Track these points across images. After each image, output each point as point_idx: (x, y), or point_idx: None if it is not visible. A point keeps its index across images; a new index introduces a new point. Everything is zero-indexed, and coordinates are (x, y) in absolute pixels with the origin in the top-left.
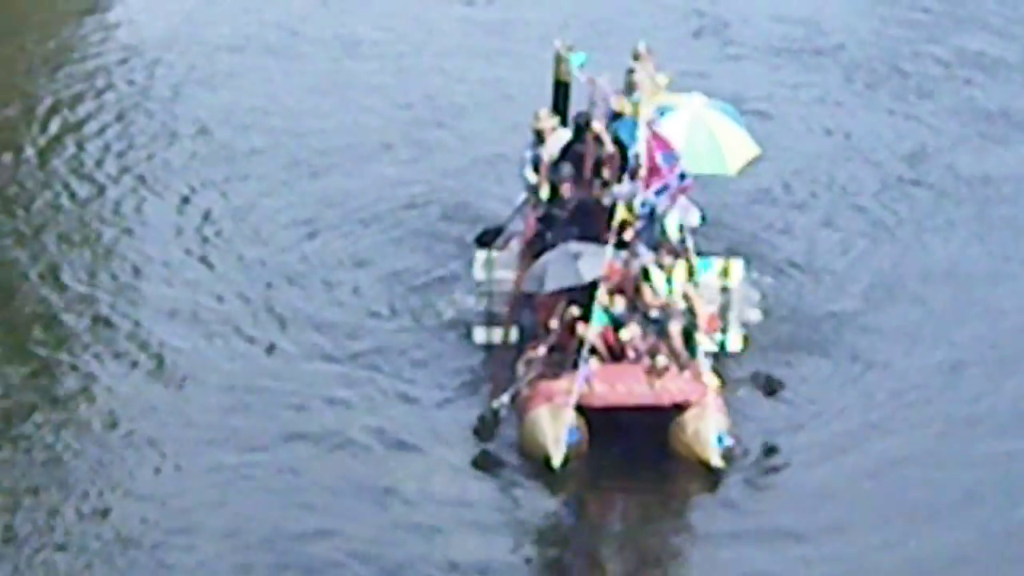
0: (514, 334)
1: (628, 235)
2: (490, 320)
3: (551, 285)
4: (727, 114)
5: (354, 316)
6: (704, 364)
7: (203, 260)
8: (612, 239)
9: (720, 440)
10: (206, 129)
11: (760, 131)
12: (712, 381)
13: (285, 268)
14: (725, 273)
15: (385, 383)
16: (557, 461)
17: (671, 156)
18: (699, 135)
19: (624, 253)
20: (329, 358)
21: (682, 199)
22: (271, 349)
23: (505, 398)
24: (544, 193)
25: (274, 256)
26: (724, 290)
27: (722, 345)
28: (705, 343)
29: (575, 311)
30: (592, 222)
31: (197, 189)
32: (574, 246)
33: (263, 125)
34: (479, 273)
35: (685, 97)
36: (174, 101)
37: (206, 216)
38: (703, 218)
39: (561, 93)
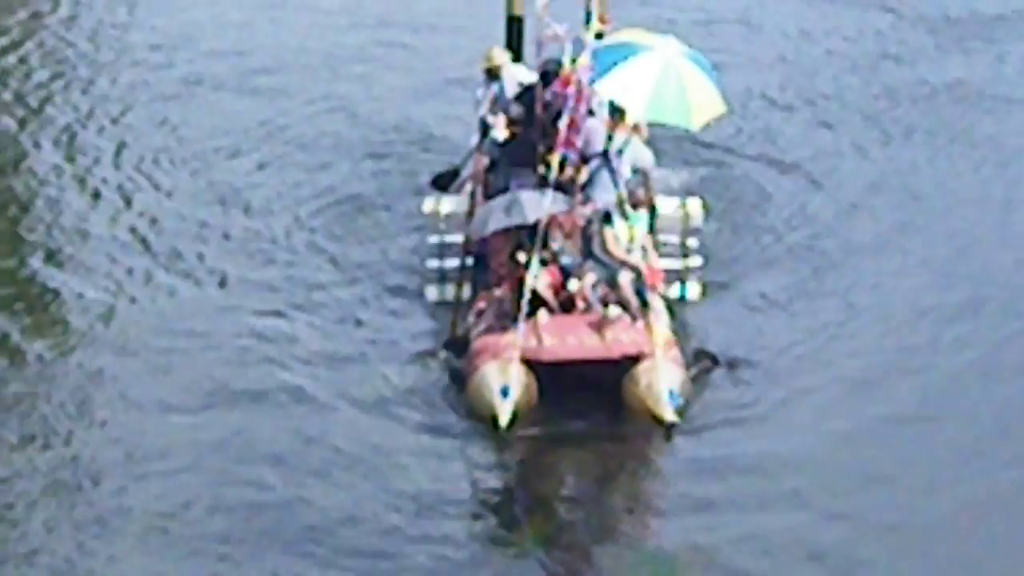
0: (467, 290)
1: (570, 176)
2: (443, 276)
3: (493, 225)
4: (700, 66)
5: (290, 258)
6: (661, 314)
7: (132, 187)
8: (552, 183)
9: (672, 396)
10: (144, 51)
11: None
12: (667, 332)
13: (216, 197)
14: (684, 215)
15: (326, 334)
16: (504, 420)
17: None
18: (669, 84)
19: (577, 197)
20: (259, 308)
21: (635, 141)
22: (199, 291)
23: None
24: (500, 136)
25: (205, 183)
26: (684, 232)
27: (682, 295)
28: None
29: (521, 257)
30: (532, 165)
31: (129, 116)
32: (518, 191)
33: (203, 44)
34: (430, 227)
35: (659, 38)
36: (111, 24)
37: (136, 142)
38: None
39: (514, 28)
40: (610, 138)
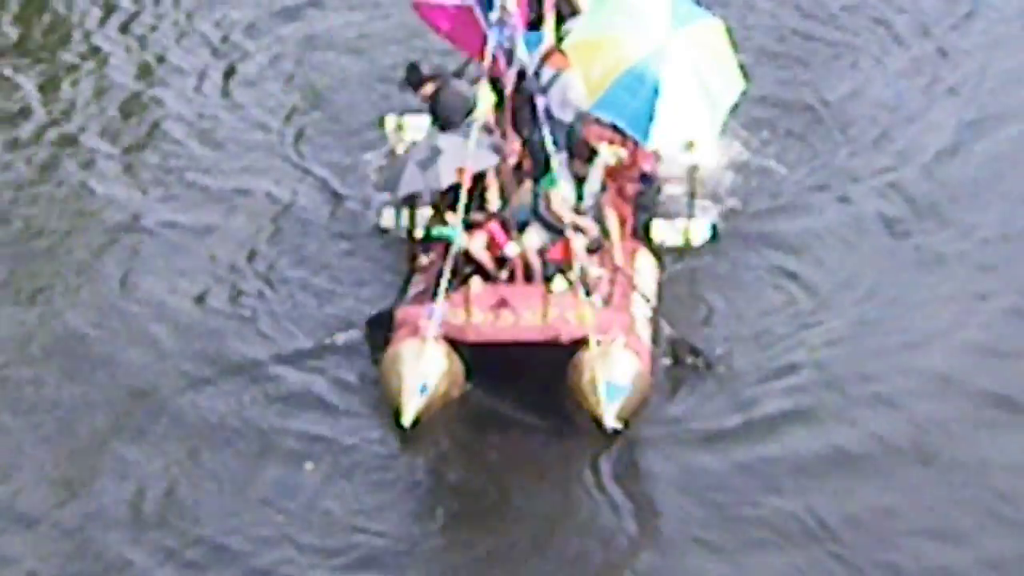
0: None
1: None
2: (402, 200)
3: (404, 189)
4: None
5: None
6: (632, 292)
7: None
8: (474, 133)
9: (611, 393)
10: None
11: None
12: (635, 309)
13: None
14: (690, 145)
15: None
16: (408, 418)
17: None
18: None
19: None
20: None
21: (567, 74)
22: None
23: None
24: None
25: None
26: (692, 169)
27: (687, 241)
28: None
29: (451, 218)
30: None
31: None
32: (439, 139)
33: None
34: (390, 140)
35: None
36: None
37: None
38: None
39: None
40: (537, 73)
